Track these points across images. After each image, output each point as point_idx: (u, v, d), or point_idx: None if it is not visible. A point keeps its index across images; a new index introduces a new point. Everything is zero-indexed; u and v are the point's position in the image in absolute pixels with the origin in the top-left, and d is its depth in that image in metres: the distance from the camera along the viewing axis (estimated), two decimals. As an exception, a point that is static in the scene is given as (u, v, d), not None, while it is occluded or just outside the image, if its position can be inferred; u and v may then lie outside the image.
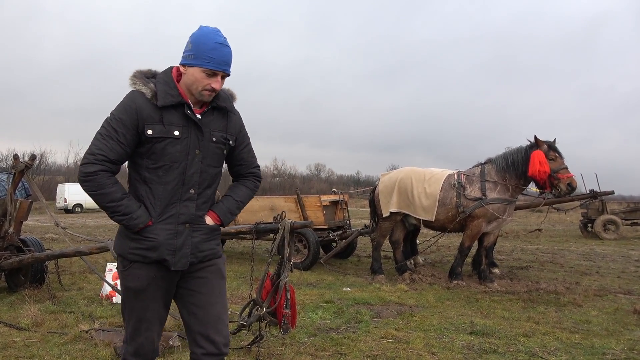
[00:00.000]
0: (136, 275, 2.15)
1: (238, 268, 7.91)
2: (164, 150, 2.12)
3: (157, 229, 2.13)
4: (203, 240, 2.23)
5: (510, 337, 4.24)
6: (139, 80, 2.17)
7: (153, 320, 2.22)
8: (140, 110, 2.10)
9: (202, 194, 2.23)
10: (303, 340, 4.04)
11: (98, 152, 2.07)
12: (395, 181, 7.13)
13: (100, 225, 18.17)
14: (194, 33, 2.16)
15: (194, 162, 2.17)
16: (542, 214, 16.03)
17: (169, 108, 2.13)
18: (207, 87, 2.14)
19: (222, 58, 2.14)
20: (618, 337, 4.33)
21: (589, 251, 11.43)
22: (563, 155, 6.56)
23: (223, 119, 2.28)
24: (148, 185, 2.15)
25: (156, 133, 2.10)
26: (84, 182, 2.08)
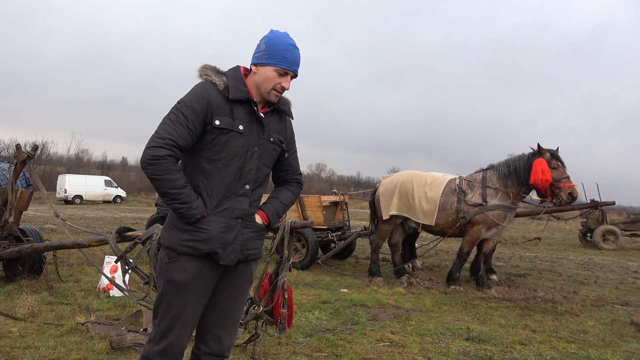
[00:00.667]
0: (183, 268, 2.14)
1: (236, 265, 7.90)
2: (226, 142, 2.15)
3: (211, 221, 2.14)
4: (251, 238, 2.26)
5: (506, 344, 4.23)
6: (212, 72, 2.22)
7: (188, 320, 2.19)
8: (211, 100, 2.14)
9: (255, 192, 2.27)
10: (299, 341, 4.04)
11: (168, 137, 2.07)
12: (396, 184, 7.12)
13: (99, 217, 18.18)
14: (266, 36, 2.25)
15: (252, 159, 2.22)
16: (541, 222, 16.01)
17: (237, 102, 2.18)
18: (277, 87, 2.21)
19: (294, 59, 2.22)
20: (614, 348, 4.32)
21: (588, 261, 11.42)
22: (565, 165, 6.56)
23: (281, 121, 2.36)
24: (206, 177, 2.16)
25: (223, 124, 2.14)
26: (149, 165, 2.06)
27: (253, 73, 2.25)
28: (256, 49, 2.25)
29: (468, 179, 6.93)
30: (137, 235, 4.01)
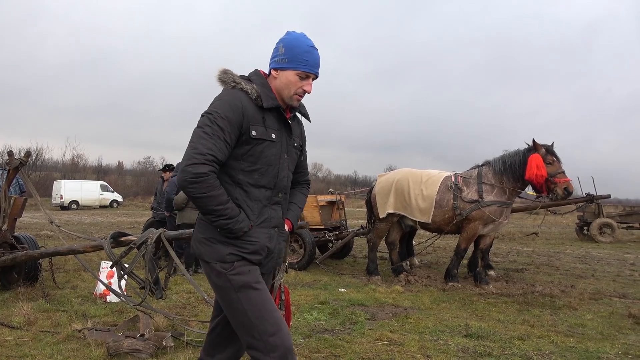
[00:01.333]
0: (247, 269, 2.09)
1: (233, 267, 7.88)
2: (262, 152, 2.11)
3: (257, 232, 2.13)
4: (283, 246, 2.29)
5: (505, 340, 4.23)
6: (240, 79, 2.16)
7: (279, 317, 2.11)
8: (246, 110, 2.07)
9: (284, 199, 2.27)
10: (297, 342, 4.02)
11: (208, 152, 1.97)
12: (392, 182, 7.11)
13: (96, 223, 18.11)
14: (285, 38, 2.18)
15: (283, 166, 2.20)
16: (538, 217, 16.08)
17: (267, 110, 2.14)
18: (299, 91, 2.16)
19: (315, 60, 2.17)
20: (613, 341, 4.33)
21: (585, 254, 11.45)
22: (560, 159, 6.56)
23: (299, 125, 2.36)
24: (243, 189, 2.11)
25: (259, 134, 2.09)
26: (193, 184, 1.96)
27: (273, 78, 2.19)
28: (274, 52, 2.19)
29: (464, 175, 6.94)
30: (132, 240, 3.98)
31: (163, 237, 3.89)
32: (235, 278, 2.06)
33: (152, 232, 4.05)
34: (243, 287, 2.06)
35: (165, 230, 4.04)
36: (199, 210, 2.12)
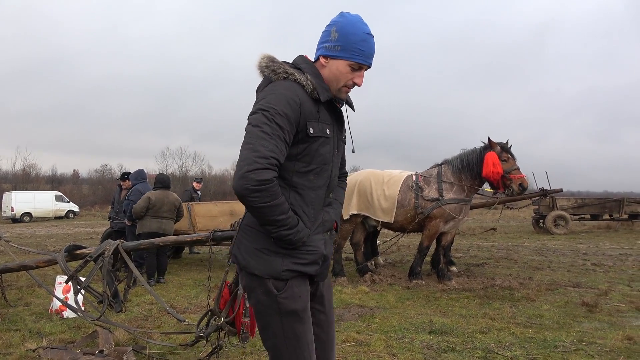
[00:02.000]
0: (298, 295, 1.87)
1: (197, 276, 7.74)
2: (317, 151, 1.88)
3: (315, 240, 1.90)
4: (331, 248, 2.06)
5: (468, 334, 4.34)
6: (291, 69, 1.89)
7: (312, 344, 1.93)
8: (303, 105, 1.83)
9: (335, 199, 2.09)
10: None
11: (271, 155, 1.71)
12: (355, 184, 7.17)
13: (51, 235, 17.36)
14: (338, 21, 1.89)
15: (335, 164, 1.99)
16: (497, 212, 16.60)
17: (322, 104, 1.90)
18: (349, 83, 1.92)
19: (370, 50, 1.90)
20: (568, 329, 4.52)
21: (541, 246, 11.91)
22: (515, 157, 6.81)
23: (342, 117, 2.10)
24: (298, 192, 1.88)
25: (316, 132, 1.86)
26: (255, 192, 1.70)
27: (321, 66, 1.93)
28: (324, 36, 1.92)
29: (424, 174, 7.07)
30: (88, 253, 3.84)
31: (121, 249, 3.78)
32: (284, 302, 1.86)
33: (110, 243, 3.93)
34: (290, 314, 1.87)
35: (123, 241, 3.93)
36: (258, 221, 1.84)
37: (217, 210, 8.72)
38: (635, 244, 12.41)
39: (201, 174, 47.72)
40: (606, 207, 16.02)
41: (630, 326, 4.62)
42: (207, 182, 45.42)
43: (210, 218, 8.63)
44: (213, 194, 38.12)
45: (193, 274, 7.90)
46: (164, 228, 7.07)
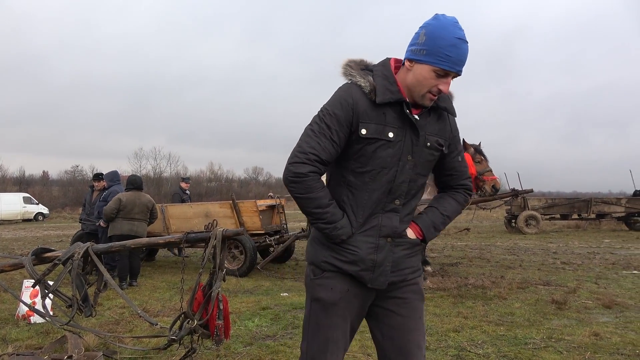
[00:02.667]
0: (329, 286, 1.92)
1: (171, 278, 7.62)
2: (374, 153, 1.88)
3: (358, 241, 1.90)
4: (405, 256, 1.96)
5: (441, 333, 4.40)
6: (356, 71, 1.92)
7: (339, 344, 1.94)
8: (357, 106, 1.86)
9: (406, 205, 1.97)
10: (238, 351, 3.95)
11: (310, 151, 1.84)
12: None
13: (18, 238, 16.83)
14: (430, 23, 1.83)
15: (404, 169, 1.92)
16: (470, 212, 16.89)
17: (387, 105, 1.87)
18: (433, 90, 1.84)
19: (459, 57, 1.80)
20: (538, 326, 4.62)
21: (513, 245, 12.17)
22: (488, 158, 6.95)
23: (439, 121, 1.99)
24: (351, 191, 1.92)
25: (370, 133, 1.86)
26: (292, 183, 1.87)
27: (406, 69, 1.89)
28: (414, 38, 1.86)
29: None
30: (56, 256, 3.74)
31: (91, 251, 3.69)
32: (316, 288, 1.95)
33: (79, 246, 3.83)
34: (317, 301, 1.94)
35: (93, 244, 3.84)
36: (300, 210, 1.99)
37: (191, 212, 8.61)
38: (602, 242, 12.81)
39: (176, 175, 47.09)
40: (575, 207, 16.48)
41: (597, 322, 4.76)
42: (182, 184, 44.87)
43: (185, 220, 8.52)
44: (188, 196, 37.58)
45: (167, 277, 7.78)
46: (136, 230, 6.94)
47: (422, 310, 2.03)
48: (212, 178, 54.50)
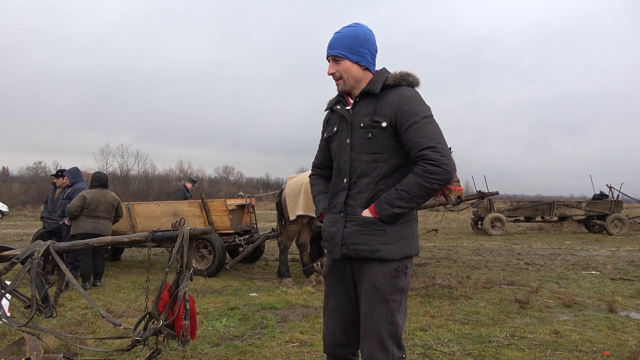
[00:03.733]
0: (326, 263, 2.36)
1: (137, 278, 7.45)
2: (331, 146, 2.35)
3: (325, 218, 2.31)
4: (355, 232, 2.14)
5: (409, 332, 4.45)
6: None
7: (333, 310, 2.28)
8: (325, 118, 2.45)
9: (355, 183, 2.19)
10: (205, 351, 3.89)
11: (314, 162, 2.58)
12: (302, 184, 7.17)
13: (-25, 237, 16.11)
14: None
15: (345, 151, 2.23)
16: (439, 214, 17.19)
17: (332, 110, 2.36)
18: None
19: (328, 44, 2.25)
20: (502, 325, 4.74)
21: (479, 246, 12.45)
22: (456, 167, 7.10)
23: (375, 101, 2.19)
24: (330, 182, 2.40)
25: (328, 133, 2.38)
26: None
27: None
28: None
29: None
30: (14, 254, 3.60)
31: (52, 250, 3.57)
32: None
33: (40, 244, 3.70)
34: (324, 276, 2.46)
35: (54, 242, 3.71)
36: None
37: (159, 210, 8.43)
38: (563, 244, 13.25)
39: (144, 173, 46.10)
40: (539, 210, 16.99)
41: (558, 321, 4.92)
42: (149, 182, 43.93)
43: (152, 218, 8.34)
44: (157, 194, 36.86)
45: (132, 277, 7.60)
46: (101, 229, 6.75)
47: (375, 297, 2.10)
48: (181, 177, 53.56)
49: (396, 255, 2.10)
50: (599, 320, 4.92)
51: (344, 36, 2.21)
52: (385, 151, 2.14)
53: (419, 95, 2.20)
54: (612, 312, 5.27)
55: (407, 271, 2.16)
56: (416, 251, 2.22)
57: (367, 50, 2.22)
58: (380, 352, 2.07)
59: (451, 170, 2.05)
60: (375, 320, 2.09)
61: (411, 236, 2.19)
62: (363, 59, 2.21)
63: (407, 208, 2.07)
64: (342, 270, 2.24)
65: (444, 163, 2.01)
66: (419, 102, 2.15)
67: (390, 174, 2.15)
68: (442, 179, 2.02)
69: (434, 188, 2.03)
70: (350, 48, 2.19)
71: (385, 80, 2.19)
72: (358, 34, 2.21)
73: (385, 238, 2.10)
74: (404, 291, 2.16)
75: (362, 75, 2.23)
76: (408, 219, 2.17)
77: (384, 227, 2.10)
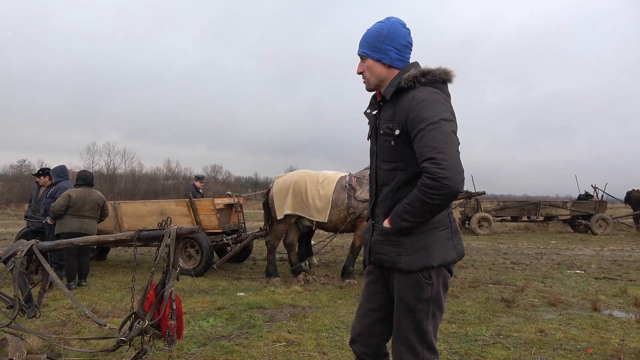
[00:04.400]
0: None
1: (123, 278, 7.37)
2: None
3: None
4: (377, 241, 2.15)
5: (396, 331, 4.46)
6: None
7: (361, 308, 2.28)
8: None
9: (381, 192, 2.18)
10: (192, 351, 3.87)
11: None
12: (290, 184, 7.16)
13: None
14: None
15: (373, 159, 2.22)
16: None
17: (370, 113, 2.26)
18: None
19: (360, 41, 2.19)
20: (488, 324, 4.78)
21: (466, 246, 12.53)
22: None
23: (394, 107, 2.08)
24: None
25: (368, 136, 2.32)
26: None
27: None
28: None
29: (357, 175, 7.21)
30: (-4, 254, 3.54)
31: (35, 249, 3.52)
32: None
33: (23, 243, 3.64)
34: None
35: (38, 241, 3.66)
36: None
37: (145, 209, 8.36)
38: (549, 243, 13.41)
39: (131, 172, 45.64)
40: (525, 210, 17.17)
41: (543, 319, 4.97)
42: (136, 181, 43.50)
43: (139, 218, 8.26)
44: (143, 193, 36.53)
45: (118, 277, 7.52)
46: (86, 228, 6.67)
47: (402, 306, 2.06)
48: (169, 175, 53.12)
49: (414, 267, 2.00)
50: (583, 319, 4.99)
51: (369, 33, 2.16)
52: (403, 159, 2.05)
53: (433, 97, 1.99)
54: (595, 311, 5.35)
55: (431, 281, 2.01)
56: (441, 261, 2.02)
57: (391, 47, 2.10)
58: (410, 355, 2.05)
59: (454, 184, 1.83)
60: (404, 327, 2.06)
61: (433, 245, 2.01)
62: (386, 56, 2.11)
63: (413, 222, 1.95)
64: (376, 276, 2.23)
65: (442, 177, 1.82)
66: (428, 106, 1.95)
67: (408, 183, 2.05)
68: (442, 194, 1.84)
69: (434, 204, 1.87)
70: (373, 46, 2.13)
71: (398, 84, 2.07)
72: (382, 30, 2.12)
73: (403, 249, 2.02)
74: (431, 300, 2.02)
75: (386, 74, 2.13)
76: (431, 227, 2.02)
77: (399, 239, 2.03)
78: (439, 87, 2.06)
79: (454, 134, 1.94)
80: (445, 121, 1.92)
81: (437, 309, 2.06)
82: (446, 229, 2.06)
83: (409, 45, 2.15)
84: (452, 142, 1.90)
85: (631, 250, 11.79)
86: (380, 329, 2.21)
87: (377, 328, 2.22)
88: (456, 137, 1.96)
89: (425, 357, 2.05)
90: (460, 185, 1.88)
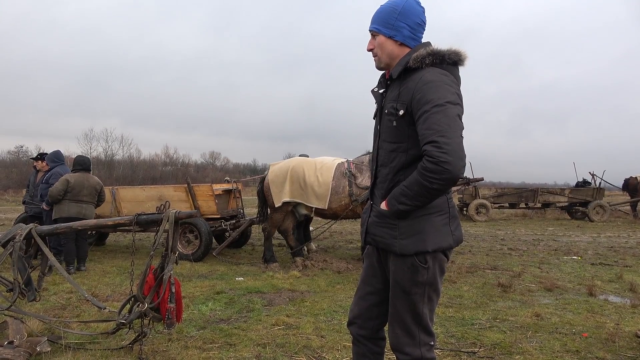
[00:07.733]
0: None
1: (122, 263, 7.40)
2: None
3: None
4: (374, 222, 2.12)
5: (394, 315, 4.50)
6: None
7: (359, 291, 2.29)
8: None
9: (379, 172, 2.15)
10: (191, 334, 3.90)
11: None
12: (287, 170, 7.15)
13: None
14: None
15: (376, 138, 2.18)
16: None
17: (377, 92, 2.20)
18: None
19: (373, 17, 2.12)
20: (484, 308, 4.83)
21: (464, 232, 12.47)
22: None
23: (400, 86, 2.02)
24: None
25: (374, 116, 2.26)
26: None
27: None
28: None
29: (355, 162, 7.20)
30: (-5, 238, 3.55)
31: (34, 233, 3.53)
32: None
33: (21, 227, 3.65)
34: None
35: (37, 225, 3.66)
36: None
37: (144, 195, 8.36)
38: (546, 230, 13.48)
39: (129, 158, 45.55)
40: (523, 197, 17.22)
41: (539, 304, 5.02)
42: (135, 167, 43.43)
43: (137, 203, 8.26)
44: (142, 179, 36.48)
45: (117, 261, 7.55)
46: (84, 213, 6.67)
47: (400, 291, 2.03)
48: (167, 162, 53.04)
49: (409, 251, 1.98)
50: (578, 304, 5.04)
51: (382, 9, 2.08)
52: (405, 140, 2.00)
53: (441, 78, 1.93)
54: (591, 296, 5.40)
55: (427, 265, 1.98)
56: (436, 246, 1.98)
57: (404, 24, 2.03)
58: (406, 337, 2.05)
59: (454, 168, 1.78)
60: (400, 309, 2.06)
61: (429, 230, 1.98)
62: (398, 34, 2.03)
63: (410, 206, 1.92)
64: (373, 257, 2.22)
65: (443, 161, 1.77)
66: (435, 88, 1.89)
67: (408, 165, 2.01)
68: (442, 179, 1.80)
69: (433, 188, 1.83)
70: (386, 22, 2.05)
71: (406, 63, 2.00)
72: (396, 5, 2.05)
73: (398, 232, 2.00)
74: (427, 283, 2.01)
75: (397, 52, 2.06)
76: (428, 212, 1.98)
77: (395, 222, 2.01)
78: (449, 69, 1.99)
79: (458, 118, 1.89)
80: (451, 104, 1.87)
81: (434, 293, 2.05)
82: (444, 214, 2.03)
83: (423, 24, 2.08)
84: (456, 126, 1.86)
85: (627, 237, 11.86)
86: (378, 312, 2.22)
87: (375, 311, 2.22)
88: (460, 122, 1.91)
89: (422, 339, 2.04)
90: (461, 171, 1.82)
